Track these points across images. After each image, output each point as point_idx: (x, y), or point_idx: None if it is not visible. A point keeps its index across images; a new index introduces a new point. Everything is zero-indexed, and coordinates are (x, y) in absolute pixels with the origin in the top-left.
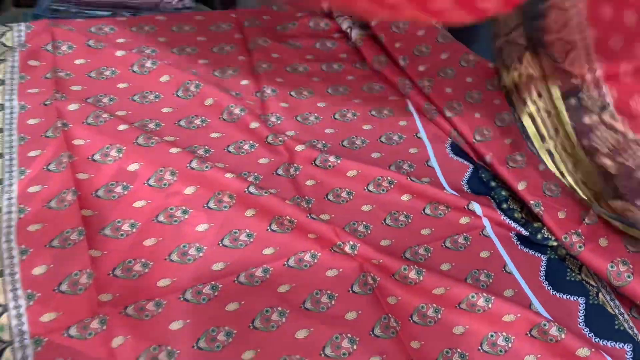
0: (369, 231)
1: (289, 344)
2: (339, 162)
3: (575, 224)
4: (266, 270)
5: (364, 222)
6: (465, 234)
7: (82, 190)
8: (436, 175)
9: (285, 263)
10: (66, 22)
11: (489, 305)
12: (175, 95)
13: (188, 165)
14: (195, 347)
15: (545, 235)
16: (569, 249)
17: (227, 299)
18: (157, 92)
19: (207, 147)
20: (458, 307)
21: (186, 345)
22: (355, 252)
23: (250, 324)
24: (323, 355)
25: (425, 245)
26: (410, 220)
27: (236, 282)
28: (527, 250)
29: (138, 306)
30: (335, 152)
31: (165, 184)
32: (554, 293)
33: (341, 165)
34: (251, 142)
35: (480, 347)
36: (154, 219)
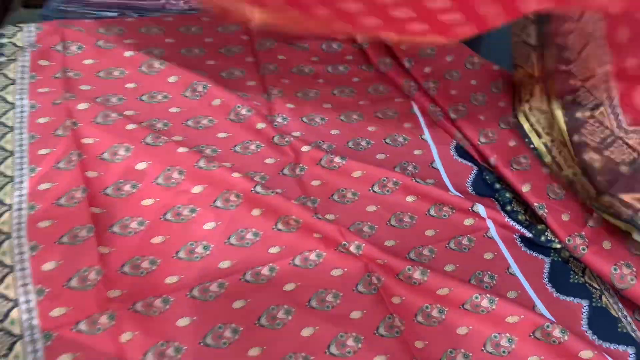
0: (373, 231)
1: (294, 342)
2: (344, 163)
3: (579, 226)
4: (272, 269)
5: (369, 223)
6: (469, 235)
7: (92, 188)
8: (441, 176)
9: (291, 262)
10: (76, 23)
11: (493, 306)
12: (183, 95)
13: (196, 164)
14: (202, 344)
15: (548, 238)
16: (573, 251)
17: (233, 296)
18: (165, 93)
19: (214, 147)
20: (462, 308)
21: (193, 341)
22: (360, 252)
23: (256, 322)
24: (328, 353)
25: (429, 246)
26: (414, 221)
27: (242, 280)
28: (531, 252)
29: (146, 302)
30: (341, 153)
31: (173, 183)
32: (557, 295)
33: (346, 166)
34: (257, 142)
35: (483, 348)
36: (162, 217)
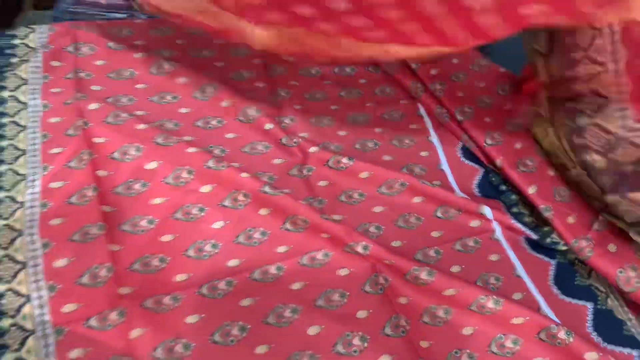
0: (380, 232)
1: (301, 340)
2: (351, 164)
3: (585, 229)
4: (280, 268)
5: (375, 223)
6: (475, 237)
7: (102, 186)
8: (447, 178)
9: (299, 261)
10: (87, 24)
11: (499, 308)
12: (193, 96)
13: (205, 164)
14: (210, 341)
15: (554, 240)
16: (579, 253)
17: (241, 294)
18: (175, 93)
19: (222, 147)
20: (468, 309)
21: (201, 338)
22: (367, 252)
23: (264, 320)
24: (334, 352)
25: (435, 248)
26: (421, 222)
27: (250, 278)
28: (537, 255)
29: (156, 299)
30: (348, 154)
31: (182, 182)
32: (562, 297)
33: (353, 167)
34: (266, 142)
35: (488, 349)
36: (171, 215)
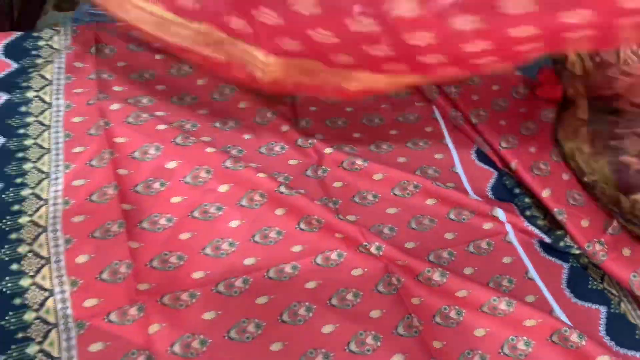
0: (394, 233)
1: (315, 338)
2: (365, 165)
3: (599, 232)
4: (295, 267)
5: (389, 225)
6: (488, 239)
7: (122, 185)
8: (461, 181)
9: (313, 261)
10: (109, 27)
11: (511, 309)
12: (212, 98)
13: (222, 164)
14: (227, 337)
15: (567, 243)
16: (592, 257)
17: (257, 292)
18: (193, 95)
19: (240, 148)
20: (480, 310)
21: (218, 335)
22: (381, 253)
23: (279, 317)
24: (348, 350)
25: (449, 249)
26: (434, 224)
27: (266, 277)
28: (550, 258)
29: (174, 296)
30: (363, 156)
31: (200, 182)
32: (575, 301)
33: (368, 169)
34: (282, 144)
35: (501, 350)
36: (190, 214)
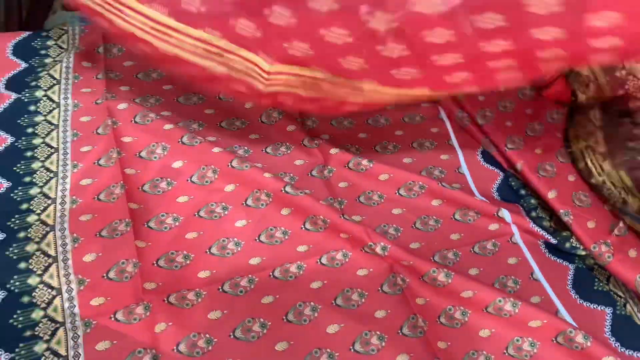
0: (399, 234)
1: (320, 338)
2: (371, 166)
3: (605, 234)
4: (300, 267)
5: (394, 225)
6: (493, 240)
7: (129, 184)
8: (467, 181)
9: (318, 260)
10: None
11: (516, 310)
12: (218, 98)
13: (229, 164)
14: (232, 337)
15: (573, 244)
16: (598, 258)
17: (262, 292)
18: (200, 95)
19: (246, 148)
20: (485, 311)
21: (223, 334)
22: (386, 253)
23: (284, 317)
24: (352, 350)
25: (454, 250)
26: (439, 225)
27: (271, 276)
28: (555, 259)
29: (180, 295)
30: (368, 156)
31: (207, 181)
32: (580, 302)
33: (373, 169)
34: (288, 144)
35: (505, 351)
36: (196, 213)
